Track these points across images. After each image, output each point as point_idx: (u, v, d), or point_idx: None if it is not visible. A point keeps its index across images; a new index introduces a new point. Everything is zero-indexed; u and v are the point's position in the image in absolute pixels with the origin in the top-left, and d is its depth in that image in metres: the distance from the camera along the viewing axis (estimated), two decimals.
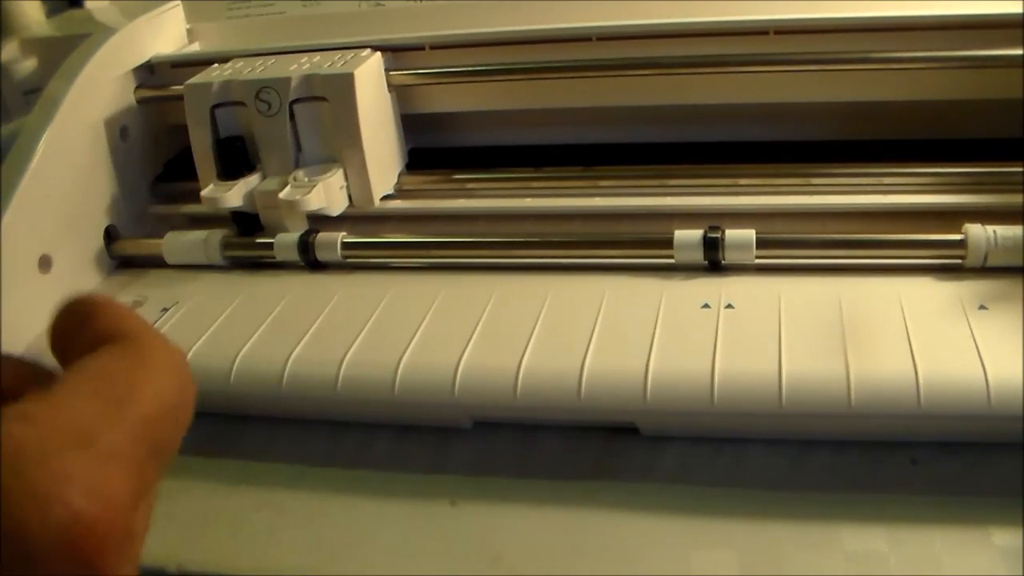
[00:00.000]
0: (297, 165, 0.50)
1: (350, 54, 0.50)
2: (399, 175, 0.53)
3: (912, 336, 0.36)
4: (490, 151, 0.54)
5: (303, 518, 0.36)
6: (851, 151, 0.48)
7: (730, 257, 0.42)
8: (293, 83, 0.48)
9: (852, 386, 0.34)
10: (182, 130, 0.51)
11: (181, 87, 0.51)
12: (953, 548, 0.31)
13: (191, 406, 0.22)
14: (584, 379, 0.36)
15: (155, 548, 0.35)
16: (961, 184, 0.45)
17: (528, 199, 0.50)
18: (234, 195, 0.49)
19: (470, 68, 0.51)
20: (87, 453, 0.18)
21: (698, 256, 0.42)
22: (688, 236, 0.42)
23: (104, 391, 0.19)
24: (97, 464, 0.18)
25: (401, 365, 0.38)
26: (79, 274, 0.49)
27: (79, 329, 0.22)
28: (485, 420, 0.39)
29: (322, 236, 0.47)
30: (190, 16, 0.59)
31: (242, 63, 0.51)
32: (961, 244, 0.40)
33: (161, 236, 0.50)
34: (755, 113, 0.50)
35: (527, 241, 0.46)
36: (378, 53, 0.51)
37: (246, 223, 0.50)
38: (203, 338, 0.42)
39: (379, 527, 0.35)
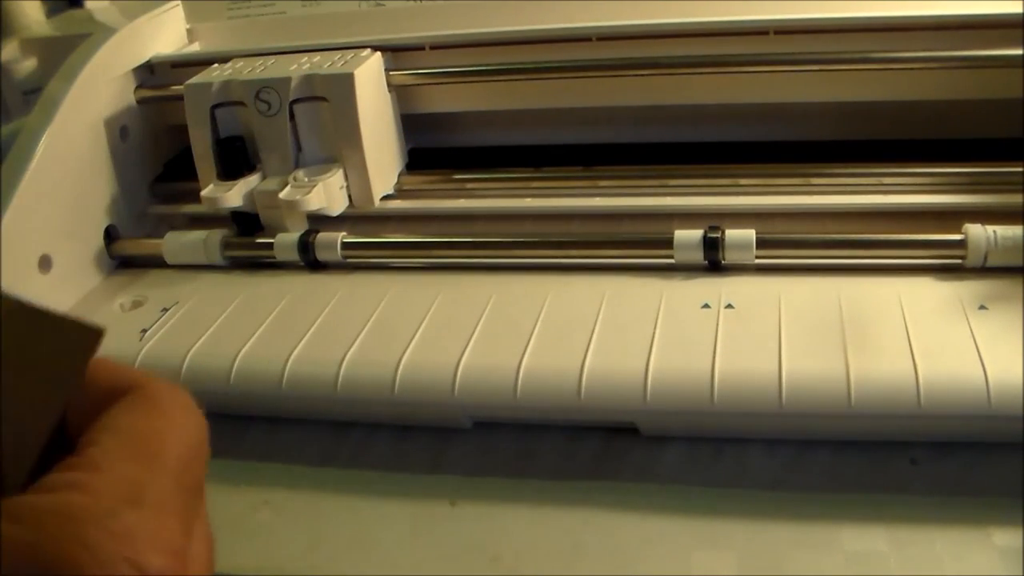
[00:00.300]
0: (297, 165, 0.50)
1: (350, 54, 0.50)
2: (399, 175, 0.53)
3: (912, 336, 0.36)
4: (490, 151, 0.54)
5: (303, 518, 0.36)
6: (851, 151, 0.48)
7: (730, 257, 0.42)
8: (293, 83, 0.48)
9: (852, 386, 0.34)
10: (182, 130, 0.51)
11: (181, 87, 0.51)
12: (953, 548, 0.31)
13: (207, 440, 0.23)
14: (584, 379, 0.36)
15: None
16: (961, 184, 0.45)
17: (528, 199, 0.50)
18: (234, 195, 0.49)
19: (470, 68, 0.51)
20: (141, 510, 0.19)
21: (698, 256, 0.42)
22: (688, 236, 0.42)
23: (138, 448, 0.20)
24: (153, 518, 0.19)
25: (401, 365, 0.38)
26: (79, 274, 0.49)
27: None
28: (485, 420, 0.39)
29: (322, 236, 0.47)
30: (190, 16, 0.59)
31: (242, 63, 0.51)
32: (961, 244, 0.40)
33: (161, 236, 0.50)
34: (755, 113, 0.50)
35: (527, 241, 0.46)
36: (378, 53, 0.51)
37: (246, 223, 0.50)
38: (203, 338, 0.42)
39: (379, 527, 0.35)
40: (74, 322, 0.21)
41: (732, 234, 0.42)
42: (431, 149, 0.55)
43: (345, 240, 0.47)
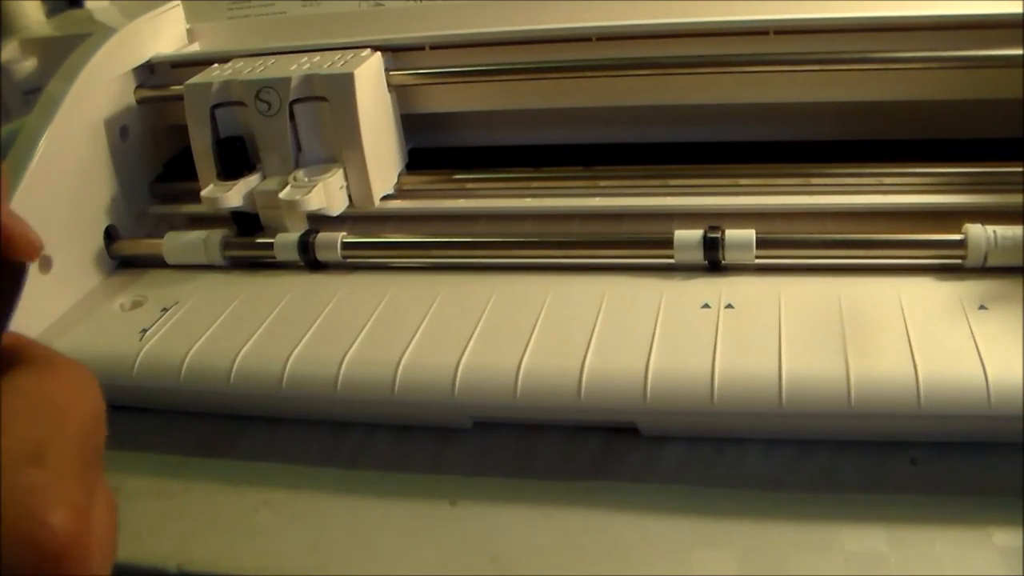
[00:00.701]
0: (297, 165, 0.50)
1: (350, 54, 0.50)
2: (399, 175, 0.53)
3: (912, 336, 0.36)
4: (490, 151, 0.54)
5: (303, 518, 0.36)
6: (851, 151, 0.48)
7: (730, 257, 0.42)
8: (293, 83, 0.48)
9: (852, 386, 0.34)
10: (182, 130, 0.51)
11: (181, 87, 0.51)
12: (953, 548, 0.31)
13: (105, 418, 0.23)
14: (584, 379, 0.36)
15: (155, 548, 0.35)
16: (961, 184, 0.45)
17: (528, 199, 0.50)
18: (234, 195, 0.49)
19: (470, 68, 0.51)
20: (43, 468, 0.19)
21: (698, 256, 0.42)
22: (688, 236, 0.42)
23: (41, 410, 0.20)
24: (55, 477, 0.19)
25: (401, 365, 0.38)
26: (79, 274, 0.49)
27: None
28: (485, 420, 0.39)
29: (322, 236, 0.47)
30: (190, 16, 0.59)
31: (242, 63, 0.51)
32: (961, 244, 0.40)
33: (161, 236, 0.50)
34: (755, 113, 0.50)
35: (527, 241, 0.46)
36: (378, 53, 0.51)
37: (246, 223, 0.50)
38: (203, 338, 0.42)
39: (379, 527, 0.35)
40: None
41: (732, 234, 0.42)
42: (431, 149, 0.55)
43: (345, 240, 0.47)
